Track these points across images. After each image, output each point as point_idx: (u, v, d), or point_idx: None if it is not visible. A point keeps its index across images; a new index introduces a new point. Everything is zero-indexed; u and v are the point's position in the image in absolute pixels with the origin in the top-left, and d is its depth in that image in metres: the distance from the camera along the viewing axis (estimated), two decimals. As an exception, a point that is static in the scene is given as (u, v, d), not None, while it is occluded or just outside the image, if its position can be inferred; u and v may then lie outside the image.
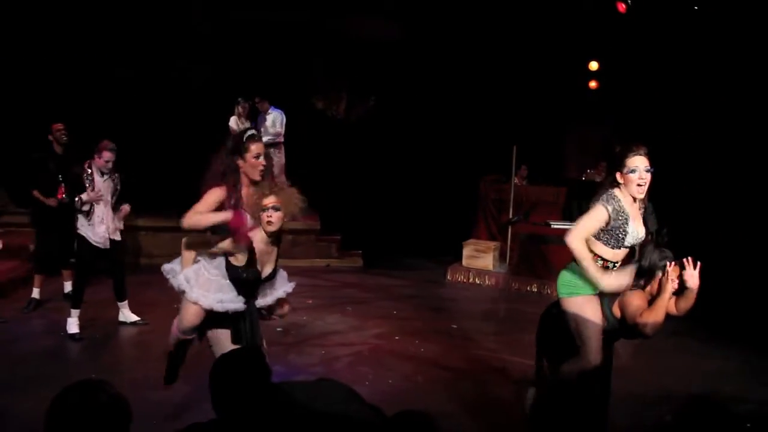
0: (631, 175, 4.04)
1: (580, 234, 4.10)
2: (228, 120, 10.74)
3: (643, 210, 4.26)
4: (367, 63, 11.85)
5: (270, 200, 4.17)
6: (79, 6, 10.72)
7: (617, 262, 4.21)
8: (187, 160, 10.21)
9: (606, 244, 4.16)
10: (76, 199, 6.87)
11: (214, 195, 4.18)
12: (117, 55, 11.15)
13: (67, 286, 8.10)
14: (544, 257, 9.79)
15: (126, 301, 7.40)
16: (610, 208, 4.07)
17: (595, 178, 11.28)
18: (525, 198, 10.98)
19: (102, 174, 7.01)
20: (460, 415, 5.27)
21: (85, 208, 6.92)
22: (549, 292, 9.56)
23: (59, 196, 7.26)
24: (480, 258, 10.41)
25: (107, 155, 6.97)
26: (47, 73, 10.82)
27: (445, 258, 10.89)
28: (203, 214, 4.11)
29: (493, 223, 11.21)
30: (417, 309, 8.62)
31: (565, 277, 4.26)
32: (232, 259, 4.21)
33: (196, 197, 4.24)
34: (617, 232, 4.10)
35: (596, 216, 4.10)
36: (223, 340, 4.33)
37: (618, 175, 4.12)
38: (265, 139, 10.87)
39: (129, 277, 7.49)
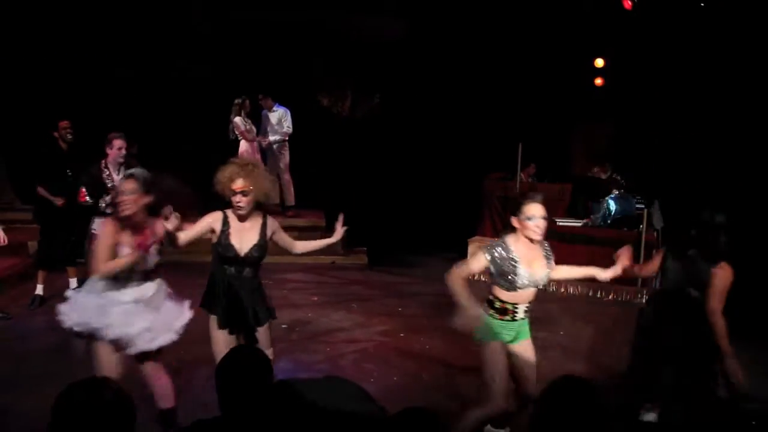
0: (528, 222, 4.23)
1: (458, 272, 4.38)
2: (231, 118, 10.72)
3: (546, 251, 4.43)
4: (371, 61, 11.84)
5: (239, 184, 4.34)
6: (81, 6, 10.73)
7: (518, 304, 4.34)
8: (187, 158, 10.28)
9: (500, 287, 4.34)
10: (101, 202, 6.89)
11: (106, 237, 4.25)
12: (118, 55, 11.17)
13: (73, 283, 8.11)
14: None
15: None
16: (488, 257, 4.29)
17: (600, 175, 11.26)
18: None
19: (117, 170, 7.03)
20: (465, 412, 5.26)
21: (110, 210, 6.95)
22: (553, 288, 9.53)
23: (82, 199, 7.15)
24: (485, 255, 10.37)
25: (119, 143, 7.00)
26: (51, 73, 10.85)
27: (450, 255, 10.84)
28: (114, 261, 4.20)
29: (498, 220, 11.17)
30: (422, 306, 8.60)
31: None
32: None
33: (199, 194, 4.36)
34: (507, 276, 4.27)
35: (475, 261, 4.38)
36: (212, 328, 4.52)
37: (515, 220, 4.30)
38: (272, 137, 10.93)
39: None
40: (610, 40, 11.75)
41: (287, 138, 10.97)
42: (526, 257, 4.29)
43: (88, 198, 7.03)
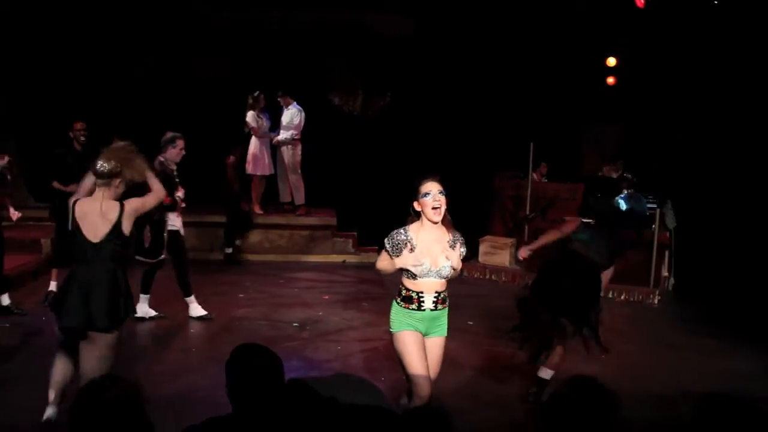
0: (425, 199, 4.21)
1: (378, 264, 4.49)
2: (245, 115, 10.77)
3: (452, 239, 4.38)
4: (383, 59, 11.84)
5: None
6: (99, 5, 10.81)
7: (422, 292, 4.25)
8: (205, 155, 10.31)
9: (404, 275, 4.31)
10: (177, 198, 7.11)
11: None
12: (135, 54, 11.25)
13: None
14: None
15: (193, 296, 7.58)
16: (388, 246, 4.29)
17: (611, 174, 11.20)
18: (542, 194, 10.92)
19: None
20: (475, 412, 5.28)
21: (183, 205, 7.30)
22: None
23: (166, 200, 7.30)
24: (496, 254, 10.37)
25: (182, 143, 7.23)
26: (68, 72, 10.93)
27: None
28: None
29: (509, 219, 11.15)
30: (433, 305, 8.59)
31: (392, 314, 4.38)
32: None
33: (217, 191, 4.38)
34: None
35: (381, 256, 4.41)
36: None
37: (416, 204, 4.27)
38: (281, 135, 10.95)
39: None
40: (622, 39, 11.70)
41: (297, 137, 10.96)
42: (427, 245, 4.23)
43: (171, 198, 7.12)
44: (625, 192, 9.85)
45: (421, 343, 4.25)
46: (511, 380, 6.12)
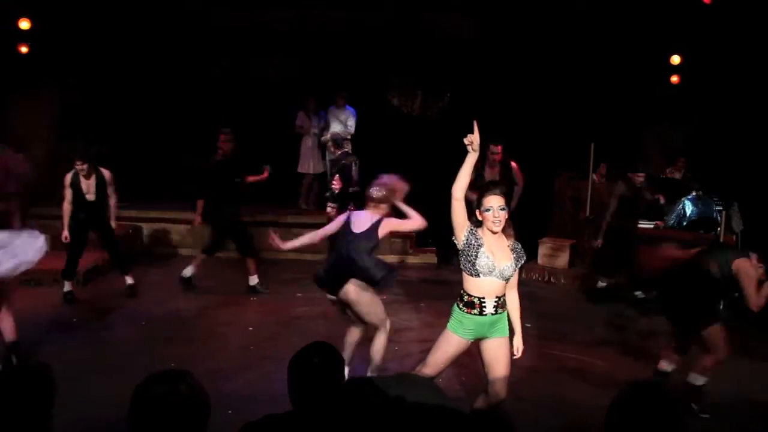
0: (486, 213, 4.44)
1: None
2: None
3: (511, 244, 4.59)
4: (442, 59, 11.81)
5: None
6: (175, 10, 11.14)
7: (484, 298, 4.44)
8: (275, 153, 10.49)
9: (466, 273, 4.49)
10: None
11: None
12: (210, 55, 11.61)
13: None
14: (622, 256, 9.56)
15: None
16: (465, 233, 4.46)
17: (674, 175, 10.97)
18: (602, 196, 10.75)
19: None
20: (532, 414, 5.25)
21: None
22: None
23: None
24: (556, 256, 10.26)
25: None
26: (148, 75, 11.34)
27: (520, 255, 10.72)
28: None
29: (569, 221, 11.01)
30: (491, 307, 8.53)
31: (453, 314, 4.63)
32: None
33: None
34: (469, 259, 4.43)
35: (462, 220, 4.51)
36: None
37: (477, 213, 4.50)
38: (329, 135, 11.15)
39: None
40: (687, 37, 11.42)
41: (348, 137, 11.10)
42: (490, 246, 4.44)
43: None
44: (693, 193, 9.62)
45: (460, 350, 4.62)
46: (568, 383, 6.06)
